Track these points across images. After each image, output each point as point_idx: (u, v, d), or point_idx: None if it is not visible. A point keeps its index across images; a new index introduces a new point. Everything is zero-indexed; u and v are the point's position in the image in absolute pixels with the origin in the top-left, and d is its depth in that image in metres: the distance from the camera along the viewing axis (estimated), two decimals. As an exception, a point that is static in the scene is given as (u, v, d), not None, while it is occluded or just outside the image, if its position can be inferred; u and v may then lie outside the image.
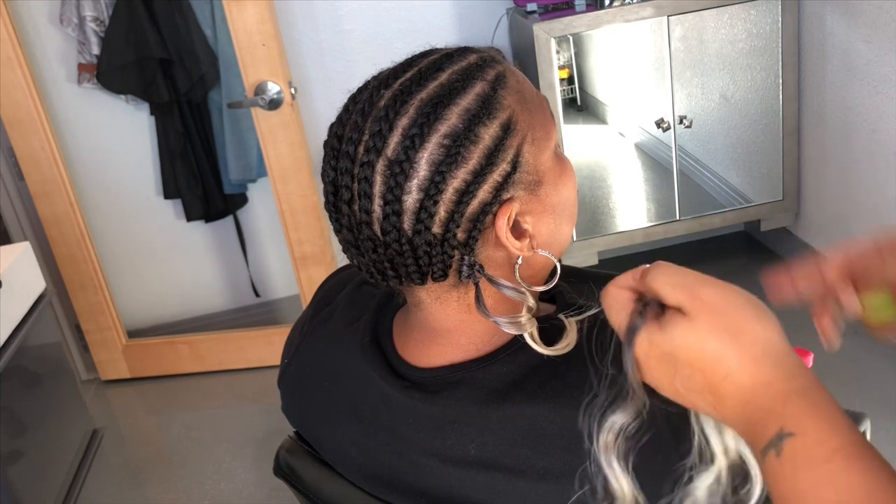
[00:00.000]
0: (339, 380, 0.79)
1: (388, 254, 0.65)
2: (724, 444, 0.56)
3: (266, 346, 2.63)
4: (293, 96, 2.26)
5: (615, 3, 2.38)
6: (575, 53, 2.75)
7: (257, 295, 2.93)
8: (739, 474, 0.56)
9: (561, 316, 0.69)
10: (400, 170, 0.62)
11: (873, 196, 2.29)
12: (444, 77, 0.64)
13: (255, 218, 2.86)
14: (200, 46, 2.47)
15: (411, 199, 0.62)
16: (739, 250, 2.96)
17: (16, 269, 1.99)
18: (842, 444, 0.43)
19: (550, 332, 0.68)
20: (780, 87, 2.50)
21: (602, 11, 2.37)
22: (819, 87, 2.44)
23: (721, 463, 0.56)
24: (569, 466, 0.64)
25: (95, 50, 2.43)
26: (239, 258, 2.88)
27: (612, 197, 2.81)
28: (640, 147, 2.84)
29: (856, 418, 0.97)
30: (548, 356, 0.67)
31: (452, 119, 0.63)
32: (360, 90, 0.68)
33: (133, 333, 2.75)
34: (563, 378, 0.66)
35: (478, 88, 0.64)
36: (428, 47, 0.70)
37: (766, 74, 2.51)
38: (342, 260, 0.72)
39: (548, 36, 2.36)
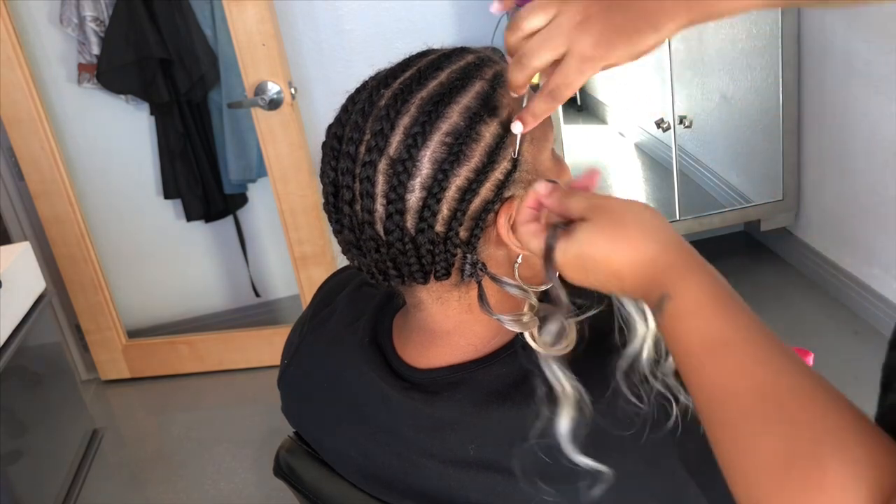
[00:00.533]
0: (339, 380, 0.79)
1: (390, 253, 0.65)
2: (643, 314, 0.64)
3: (266, 346, 2.63)
4: (293, 96, 2.26)
5: (615, 3, 2.37)
6: (575, 53, 2.75)
7: (257, 295, 2.93)
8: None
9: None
10: (403, 168, 0.62)
11: (873, 196, 2.29)
12: (443, 76, 0.64)
13: (255, 218, 2.86)
14: (200, 46, 2.46)
15: (414, 197, 0.62)
16: (739, 250, 2.95)
17: (16, 269, 1.99)
18: (707, 299, 0.53)
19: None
20: (780, 87, 2.50)
21: (602, 11, 2.37)
22: (819, 87, 2.43)
23: (642, 330, 0.64)
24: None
25: (95, 50, 2.43)
26: (239, 258, 2.87)
27: (612, 197, 2.81)
28: (640, 147, 2.84)
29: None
30: (547, 357, 0.67)
31: (454, 117, 0.63)
32: (358, 91, 0.68)
33: (133, 333, 2.75)
34: (563, 379, 0.66)
35: (477, 87, 0.64)
36: (426, 48, 0.70)
37: (766, 74, 2.51)
38: (342, 260, 0.72)
39: (548, 36, 2.36)
